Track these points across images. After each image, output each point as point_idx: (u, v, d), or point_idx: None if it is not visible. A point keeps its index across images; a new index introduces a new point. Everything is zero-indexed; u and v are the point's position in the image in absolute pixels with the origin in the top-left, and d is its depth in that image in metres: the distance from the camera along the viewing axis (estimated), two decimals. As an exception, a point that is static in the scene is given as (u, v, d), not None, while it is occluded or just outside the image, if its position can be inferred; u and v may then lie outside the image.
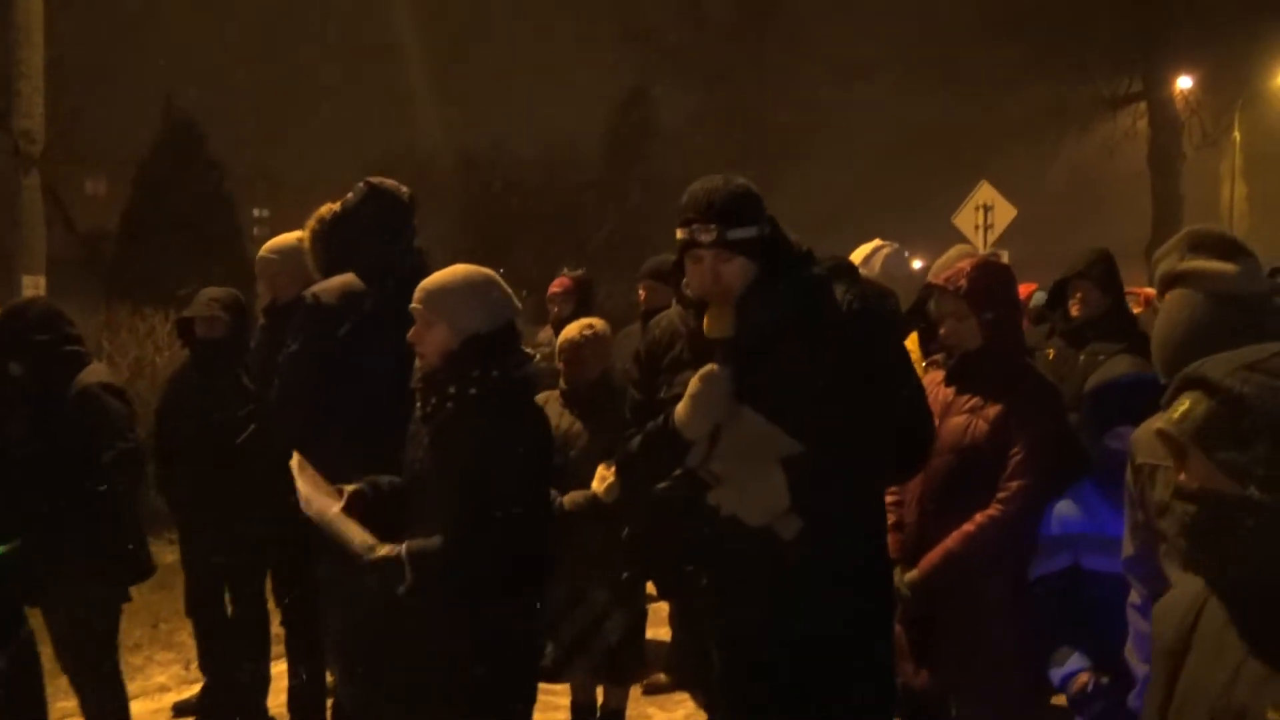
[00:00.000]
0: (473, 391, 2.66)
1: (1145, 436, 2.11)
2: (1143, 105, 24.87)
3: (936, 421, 2.69)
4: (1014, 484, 2.81)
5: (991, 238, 12.66)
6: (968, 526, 2.77)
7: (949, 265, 3.64)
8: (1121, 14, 23.45)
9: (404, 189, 3.62)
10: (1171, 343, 1.91)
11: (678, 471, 2.46)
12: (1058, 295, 4.36)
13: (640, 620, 4.33)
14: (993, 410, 2.86)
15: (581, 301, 5.67)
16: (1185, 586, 1.57)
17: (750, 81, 31.70)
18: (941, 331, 3.03)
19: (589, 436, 3.98)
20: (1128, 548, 2.39)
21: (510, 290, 2.82)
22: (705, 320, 2.49)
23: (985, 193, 12.78)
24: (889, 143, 32.42)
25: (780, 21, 30.98)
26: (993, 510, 2.79)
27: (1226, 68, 24.01)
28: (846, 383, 2.35)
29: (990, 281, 2.95)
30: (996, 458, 2.82)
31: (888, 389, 2.39)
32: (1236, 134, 24.56)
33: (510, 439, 2.66)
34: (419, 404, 2.77)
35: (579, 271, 6.03)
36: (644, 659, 4.38)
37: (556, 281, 5.89)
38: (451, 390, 2.67)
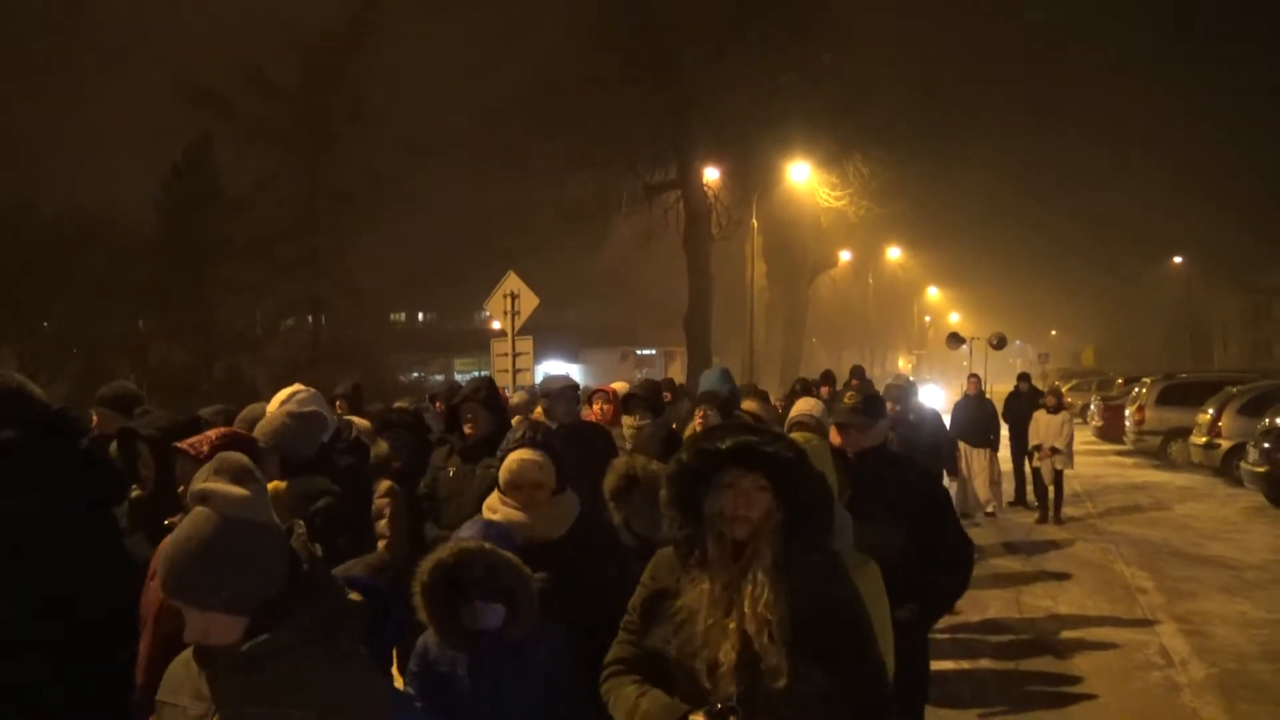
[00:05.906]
0: None
1: None
2: (678, 193, 27.94)
3: None
4: None
5: (519, 323, 13.53)
6: None
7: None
8: (655, 114, 26.38)
9: None
10: (181, 558, 1.87)
11: None
12: (452, 419, 4.91)
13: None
14: None
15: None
16: None
17: (319, 149, 31.45)
18: (180, 489, 3.02)
19: None
20: None
21: None
22: None
23: (512, 282, 13.55)
24: (462, 217, 33.50)
25: (344, 95, 31.23)
26: None
27: (744, 164, 27.72)
28: None
29: (242, 449, 3.06)
30: None
31: None
32: (755, 220, 28.20)
33: None
34: None
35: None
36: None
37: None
38: None
